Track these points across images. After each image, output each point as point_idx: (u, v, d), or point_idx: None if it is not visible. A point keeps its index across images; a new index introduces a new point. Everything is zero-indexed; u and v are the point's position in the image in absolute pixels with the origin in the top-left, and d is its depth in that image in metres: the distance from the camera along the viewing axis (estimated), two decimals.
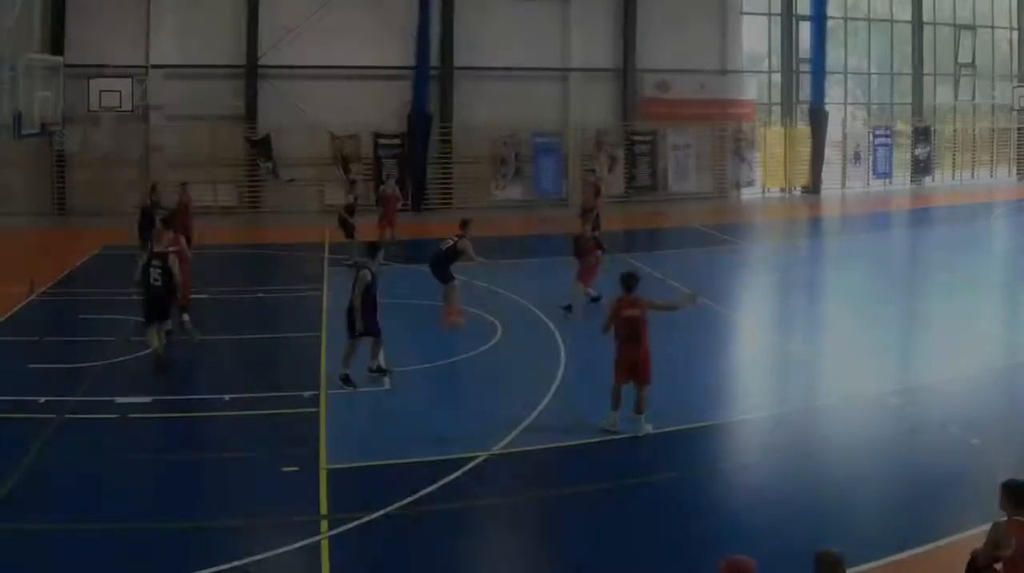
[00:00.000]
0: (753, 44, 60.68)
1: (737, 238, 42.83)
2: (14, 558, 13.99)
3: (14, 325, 27.37)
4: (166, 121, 49.52)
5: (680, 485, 16.81)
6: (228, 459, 17.85)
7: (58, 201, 49.02)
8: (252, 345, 26.09)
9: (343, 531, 14.71)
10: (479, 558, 14.72)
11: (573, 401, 20.73)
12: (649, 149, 54.53)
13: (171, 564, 13.87)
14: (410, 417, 20.23)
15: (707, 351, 25.44)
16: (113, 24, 48.50)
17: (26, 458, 17.40)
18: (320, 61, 50.39)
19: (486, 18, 52.40)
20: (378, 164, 50.51)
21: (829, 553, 9.60)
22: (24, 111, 33.93)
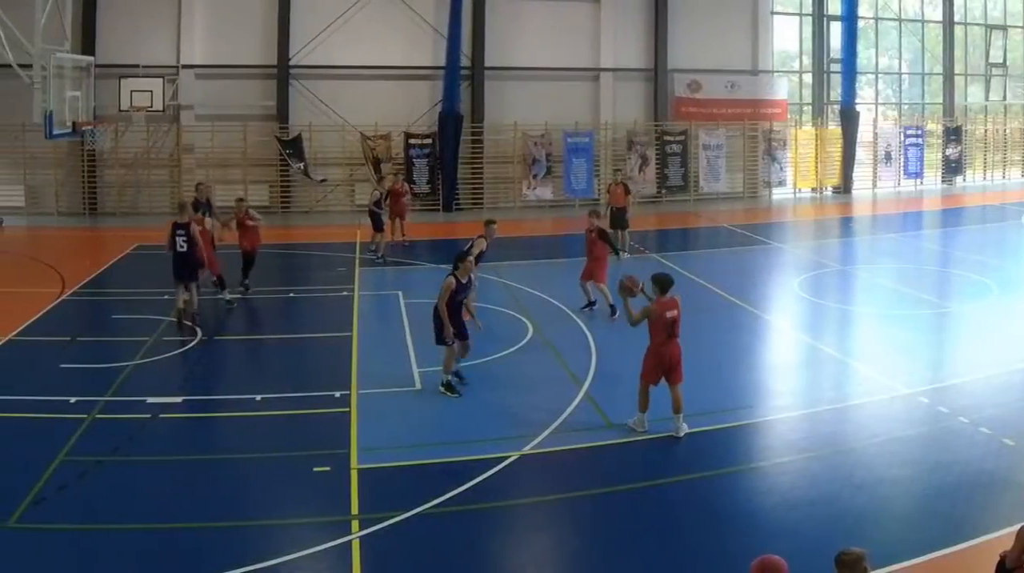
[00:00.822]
0: (784, 44, 60.55)
1: (768, 238, 42.68)
2: (46, 558, 14.05)
3: (46, 324, 27.40)
4: (197, 121, 49.63)
5: (711, 485, 16.76)
6: (259, 459, 17.90)
7: (89, 201, 49.11)
8: (283, 345, 26.10)
9: (374, 531, 14.75)
10: (510, 558, 14.69)
11: (604, 401, 20.71)
12: (680, 149, 54.29)
13: (202, 564, 13.93)
14: (441, 417, 20.26)
15: (738, 351, 25.35)
16: (144, 24, 48.74)
17: (57, 458, 17.45)
18: (351, 61, 50.50)
19: (517, 18, 52.48)
20: (409, 164, 50.50)
21: (849, 553, 9.56)
22: (55, 111, 33.99)
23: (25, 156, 47.71)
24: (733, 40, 56.34)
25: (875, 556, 9.88)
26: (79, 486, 16.42)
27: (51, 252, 38.59)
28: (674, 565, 14.12)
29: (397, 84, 51.73)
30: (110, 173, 49.35)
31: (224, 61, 49.54)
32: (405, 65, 51.59)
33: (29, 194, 48.83)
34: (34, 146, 46.43)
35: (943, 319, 28.70)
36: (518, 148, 52.17)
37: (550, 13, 52.98)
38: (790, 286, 32.39)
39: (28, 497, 15.78)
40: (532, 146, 51.89)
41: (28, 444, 18.36)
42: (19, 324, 26.92)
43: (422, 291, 28.62)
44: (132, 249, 38.32)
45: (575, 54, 53.76)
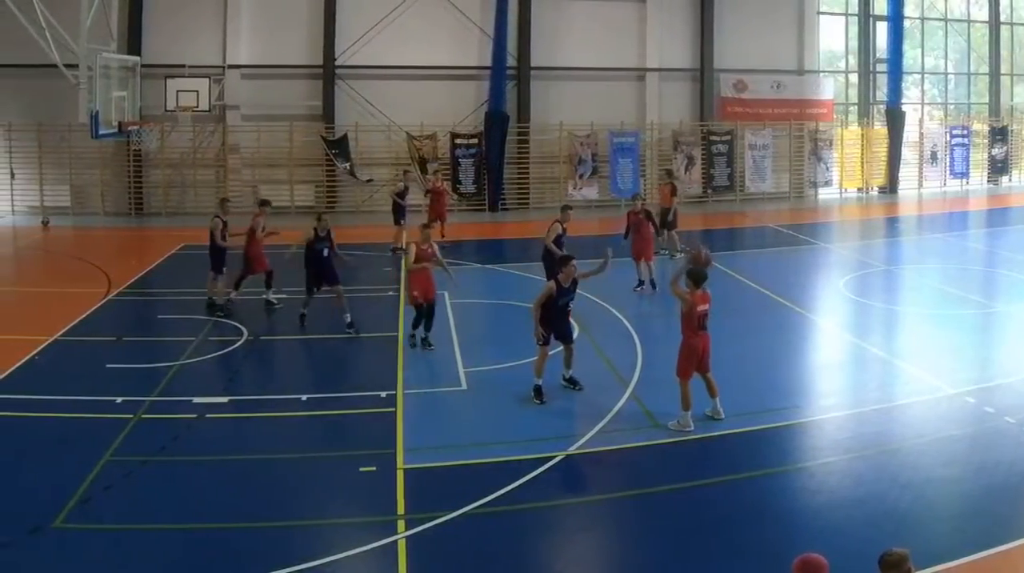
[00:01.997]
0: (830, 44, 60.33)
1: (814, 238, 42.55)
2: (92, 558, 14.11)
3: (92, 324, 27.49)
4: (243, 121, 49.84)
5: (757, 485, 16.72)
6: (305, 459, 17.94)
7: (135, 201, 49.36)
8: (329, 345, 26.13)
9: (420, 531, 14.76)
10: (556, 558, 14.65)
11: (650, 401, 20.67)
12: (726, 149, 54.17)
13: (248, 564, 13.99)
14: (487, 417, 20.28)
15: (784, 351, 25.36)
16: (190, 24, 48.98)
17: (103, 458, 17.52)
18: (397, 61, 50.64)
19: (563, 18, 52.51)
20: (455, 164, 50.60)
21: (893, 553, 9.51)
22: (101, 111, 34.10)
23: (71, 156, 47.95)
24: (779, 40, 56.19)
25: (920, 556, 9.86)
26: (125, 486, 16.50)
27: (97, 252, 38.78)
28: (720, 564, 14.08)
29: (443, 84, 51.80)
30: (156, 173, 49.54)
31: (270, 61, 49.72)
32: (451, 65, 51.62)
33: (75, 194, 49.00)
34: (80, 146, 46.79)
35: (989, 319, 28.52)
36: (564, 148, 52.11)
37: (596, 13, 52.93)
38: (836, 286, 32.28)
39: (74, 497, 15.83)
40: (578, 146, 51.85)
41: (74, 444, 18.41)
42: (65, 324, 27.02)
43: (468, 291, 28.67)
44: (178, 249, 38.41)
45: (621, 54, 53.69)
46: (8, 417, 19.84)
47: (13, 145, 48.24)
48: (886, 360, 24.16)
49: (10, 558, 13.91)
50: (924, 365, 23.33)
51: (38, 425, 19.41)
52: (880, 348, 25.28)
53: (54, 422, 19.52)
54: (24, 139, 48.20)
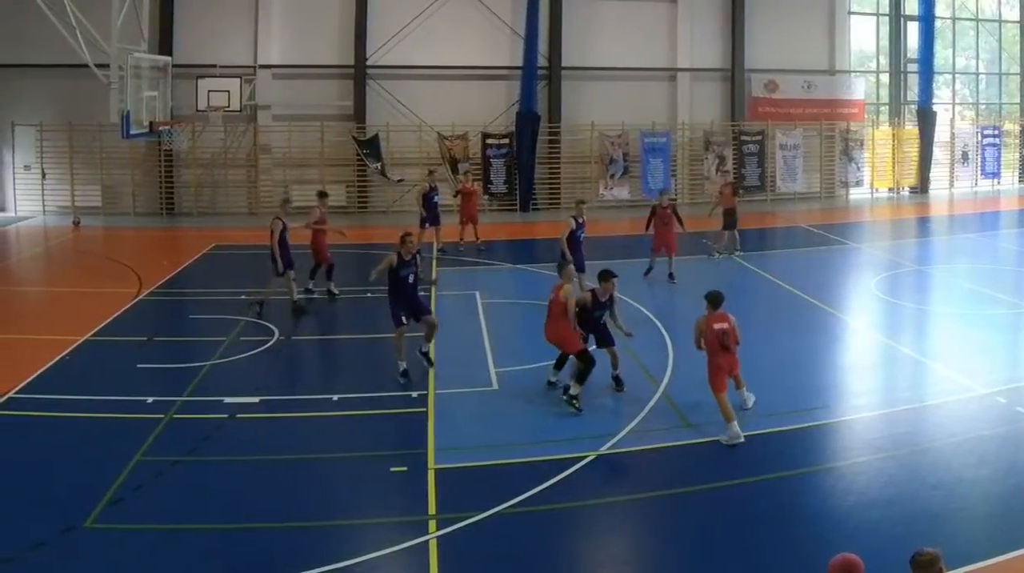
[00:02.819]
0: (861, 44, 60.14)
1: (845, 238, 42.45)
2: (123, 558, 14.14)
3: (123, 324, 27.59)
4: (274, 121, 49.99)
5: (788, 485, 16.71)
6: (336, 459, 17.97)
7: (166, 201, 49.54)
8: (360, 345, 26.17)
9: (451, 531, 14.78)
10: (588, 558, 14.65)
11: (681, 401, 20.68)
12: (757, 149, 54.07)
13: (279, 564, 14.01)
14: (518, 417, 20.28)
15: (815, 351, 25.31)
16: (221, 24, 49.19)
17: (134, 458, 17.57)
18: (428, 61, 50.74)
19: (594, 18, 52.45)
20: (486, 164, 50.67)
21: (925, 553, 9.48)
22: (132, 111, 34.17)
23: (102, 156, 48.18)
24: (810, 40, 56.08)
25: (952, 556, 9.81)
26: (156, 486, 16.54)
27: (128, 252, 38.99)
28: (751, 565, 14.06)
29: (474, 84, 51.85)
30: (187, 173, 49.72)
31: (301, 61, 49.88)
32: (482, 65, 51.68)
33: (106, 194, 49.22)
34: (111, 146, 47.01)
35: (1020, 319, 28.38)
36: (595, 148, 52.07)
37: (627, 13, 52.91)
38: (867, 286, 32.22)
39: (105, 497, 15.88)
40: (609, 146, 51.83)
41: (105, 444, 18.47)
42: (96, 324, 27.10)
43: (500, 291, 28.69)
44: (209, 249, 38.55)
45: (652, 54, 53.68)
46: (40, 417, 19.90)
47: (44, 145, 48.42)
48: (917, 360, 24.14)
49: (43, 558, 13.95)
50: (955, 365, 23.25)
51: (69, 425, 19.46)
52: (911, 348, 25.25)
53: (85, 422, 19.58)
54: (55, 139, 48.44)
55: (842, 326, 27.98)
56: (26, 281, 35.52)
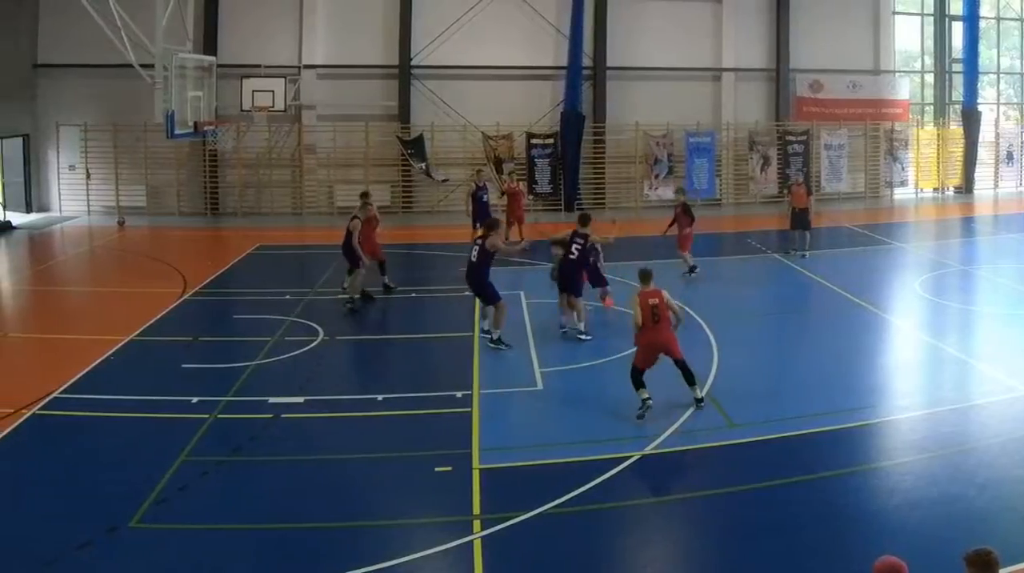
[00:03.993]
0: (906, 44, 59.88)
1: (890, 238, 42.33)
2: (168, 558, 14.17)
3: (168, 324, 27.70)
4: (319, 121, 50.15)
5: (833, 485, 16.60)
6: (380, 459, 17.98)
7: (211, 201, 49.80)
8: (405, 345, 26.19)
9: (496, 531, 14.77)
10: (632, 559, 14.56)
11: (725, 401, 20.63)
12: (802, 149, 53.91)
13: (324, 564, 14.03)
14: (562, 417, 20.29)
15: (860, 351, 25.13)
16: (266, 24, 49.48)
17: (179, 458, 17.61)
18: (473, 61, 50.80)
19: (639, 18, 52.47)
20: (531, 164, 50.71)
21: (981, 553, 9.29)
22: (177, 111, 34.26)
23: (147, 156, 48.48)
24: (854, 40, 55.87)
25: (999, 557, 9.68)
26: (200, 486, 16.58)
27: (173, 252, 39.24)
28: (795, 565, 14.01)
29: (519, 84, 51.96)
30: (231, 173, 50.04)
31: (346, 61, 50.01)
32: (527, 65, 51.76)
33: (151, 194, 49.50)
34: (156, 146, 47.30)
35: None
36: (640, 148, 52.06)
37: (672, 13, 52.87)
38: (911, 286, 32.10)
39: (150, 497, 15.92)
40: (654, 146, 51.85)
41: (150, 444, 18.53)
42: (141, 324, 27.22)
43: (544, 291, 28.58)
44: (253, 249, 38.66)
45: (697, 54, 53.59)
46: (84, 417, 19.98)
47: (89, 145, 48.79)
48: (962, 360, 24.00)
49: (88, 558, 13.98)
50: (1000, 365, 23.09)
51: (114, 425, 19.54)
52: (956, 348, 25.11)
53: (130, 422, 19.65)
54: (100, 139, 48.78)
55: (887, 326, 27.85)
56: (71, 281, 35.68)
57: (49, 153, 49.51)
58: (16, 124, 47.83)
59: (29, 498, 16.13)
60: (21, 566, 13.79)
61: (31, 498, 16.13)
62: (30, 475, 17.18)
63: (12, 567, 13.80)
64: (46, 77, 48.79)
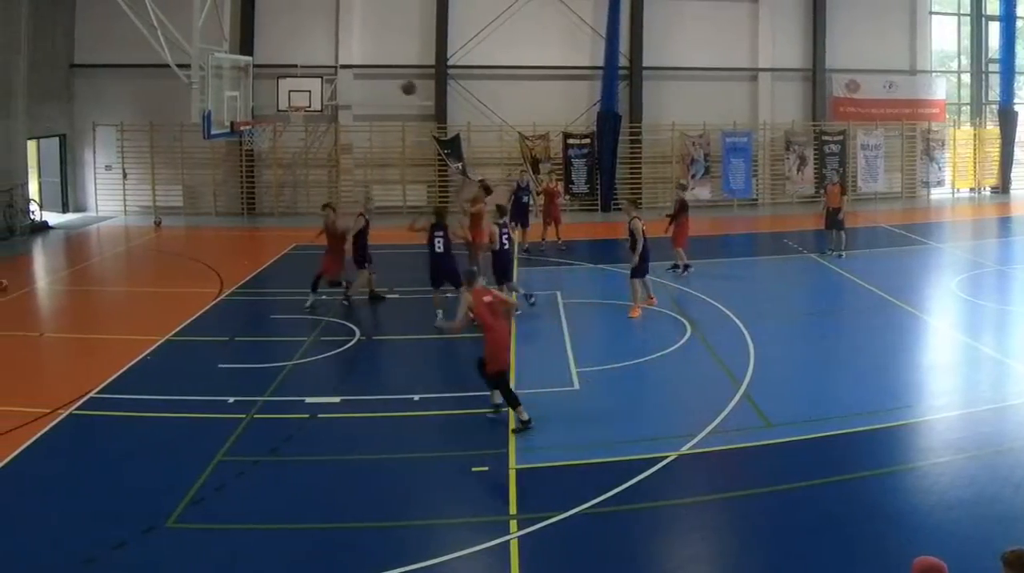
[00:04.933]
0: (942, 44, 59.65)
1: (926, 238, 42.24)
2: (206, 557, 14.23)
3: (204, 324, 27.78)
4: (355, 121, 50.24)
5: (869, 485, 16.56)
6: (417, 459, 17.98)
7: (247, 201, 49.96)
8: (442, 345, 26.12)
9: (532, 531, 14.78)
10: (669, 558, 14.63)
11: (762, 401, 20.59)
12: (839, 149, 53.80)
13: (360, 564, 14.05)
14: (599, 417, 20.22)
15: (897, 351, 25.08)
16: (302, 24, 49.64)
17: (215, 458, 17.68)
18: (509, 61, 50.81)
19: (675, 18, 52.43)
20: (567, 164, 50.73)
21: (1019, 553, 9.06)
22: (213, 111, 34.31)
23: (183, 156, 48.73)
24: (891, 40, 55.70)
25: None
26: (237, 486, 16.64)
27: (209, 252, 39.37)
28: (832, 565, 13.96)
29: (555, 84, 51.93)
30: (268, 173, 50.15)
31: (382, 61, 50.08)
32: (563, 65, 51.75)
33: (187, 194, 49.73)
34: (192, 146, 47.53)
35: None
36: (676, 148, 52.13)
37: (708, 13, 52.79)
38: (948, 286, 32.00)
39: (187, 497, 16.00)
40: (690, 146, 51.88)
41: (187, 444, 18.58)
42: (178, 324, 27.34)
43: (580, 291, 28.65)
44: (290, 249, 38.72)
45: (733, 54, 53.55)
46: (121, 417, 20.06)
47: (125, 145, 49.04)
48: (999, 360, 23.88)
49: (125, 558, 14.04)
50: None
51: (151, 425, 19.61)
52: (993, 348, 25.00)
53: (167, 422, 19.72)
54: (136, 139, 49.03)
55: (924, 326, 27.79)
56: (108, 281, 35.79)
57: (86, 153, 49.80)
58: (53, 124, 48.07)
59: (66, 498, 16.18)
60: (58, 565, 13.85)
61: (68, 498, 16.18)
62: (67, 475, 17.26)
63: (49, 566, 13.87)
64: (83, 77, 49.07)
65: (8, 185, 42.11)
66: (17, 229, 42.43)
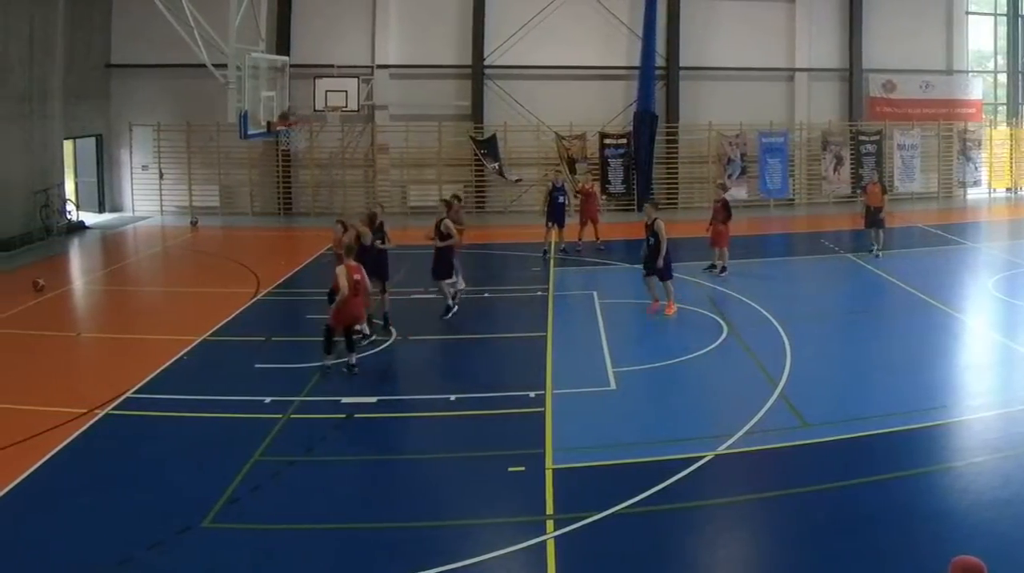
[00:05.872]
0: (979, 44, 59.41)
1: (963, 238, 42.12)
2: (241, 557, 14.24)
3: (241, 324, 27.88)
4: (392, 121, 50.33)
5: (906, 485, 16.49)
6: (453, 459, 18.00)
7: (284, 201, 50.16)
8: (477, 345, 26.17)
9: (569, 531, 14.73)
10: (704, 559, 14.58)
11: (799, 401, 20.51)
12: (875, 149, 53.64)
13: (397, 564, 14.03)
14: (635, 417, 20.25)
15: (933, 351, 25.02)
16: (339, 24, 49.66)
17: (251, 458, 17.70)
18: (546, 61, 50.88)
19: (712, 18, 52.44)
20: (604, 164, 50.76)
21: None
22: (250, 111, 34.35)
23: (220, 156, 48.95)
24: (927, 40, 55.53)
25: None
26: (273, 486, 16.63)
27: (246, 252, 39.54)
28: (868, 565, 13.87)
29: (592, 84, 51.93)
30: (304, 173, 50.36)
31: (418, 61, 50.26)
32: (600, 65, 51.76)
33: (224, 194, 50.00)
34: (229, 146, 47.75)
35: None
36: (713, 148, 52.12)
37: (745, 13, 52.81)
38: (984, 286, 31.91)
39: (223, 497, 16.00)
40: (727, 146, 51.83)
41: (223, 444, 18.61)
42: (214, 324, 27.41)
43: (617, 291, 28.61)
44: (326, 249, 38.21)
45: (770, 54, 53.47)
46: (158, 417, 20.09)
47: (162, 145, 49.29)
48: None
49: (161, 557, 14.04)
50: None
51: (187, 425, 19.65)
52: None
53: (203, 422, 19.77)
54: (173, 139, 49.28)
55: (960, 326, 27.67)
56: (144, 281, 35.93)
57: (122, 153, 50.04)
58: (89, 124, 48.30)
59: (102, 497, 16.20)
60: (94, 565, 13.86)
61: (104, 497, 16.20)
62: (103, 475, 17.28)
63: (85, 565, 13.88)
64: (119, 77, 49.32)
65: (45, 185, 42.27)
66: (54, 229, 42.53)
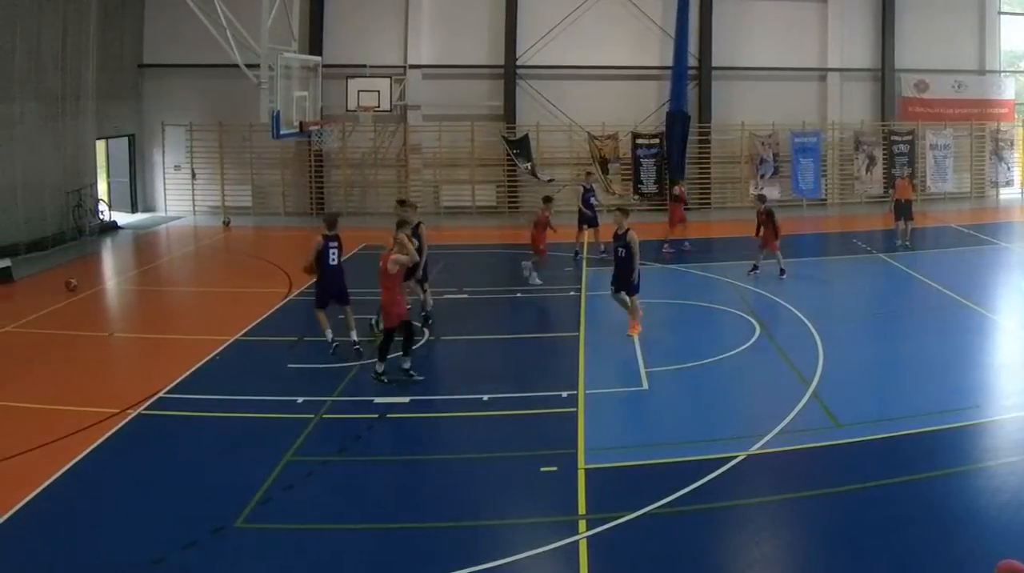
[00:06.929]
0: (1012, 44, 58.93)
1: (995, 238, 41.91)
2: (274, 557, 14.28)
3: (273, 324, 27.99)
4: (424, 121, 50.45)
5: (939, 485, 16.43)
6: (485, 459, 17.99)
7: (316, 201, 50.13)
8: (510, 345, 26.23)
9: (601, 531, 14.71)
10: (738, 559, 14.53)
11: (831, 401, 20.48)
12: (907, 149, 53.50)
13: (429, 564, 14.04)
14: (668, 417, 20.27)
15: (966, 351, 24.89)
16: (371, 25, 49.96)
17: (284, 458, 17.73)
18: (578, 61, 50.93)
19: (744, 18, 52.43)
20: (636, 164, 50.79)
21: None
22: (282, 111, 34.39)
23: (252, 156, 49.21)
24: (960, 40, 55.29)
25: None
26: (306, 486, 16.67)
27: (278, 252, 39.48)
28: (902, 566, 13.83)
29: (624, 84, 51.97)
30: (337, 173, 50.58)
31: (451, 61, 50.37)
32: (632, 65, 51.81)
33: (256, 194, 50.22)
34: (261, 146, 47.90)
35: None
36: (745, 148, 52.10)
37: (777, 13, 52.77)
38: (1017, 286, 31.92)
39: (255, 497, 16.04)
40: (759, 146, 51.83)
41: (256, 444, 18.67)
42: (247, 324, 27.55)
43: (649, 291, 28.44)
44: (359, 249, 38.50)
45: (802, 54, 53.35)
46: (190, 417, 20.18)
47: (194, 145, 49.61)
48: None
49: (194, 558, 14.08)
50: None
51: (220, 425, 19.73)
52: None
53: (235, 422, 19.83)
54: (205, 139, 49.56)
55: (992, 325, 27.57)
56: (177, 281, 36.15)
57: (155, 153, 50.30)
58: (122, 124, 48.55)
59: (135, 497, 16.26)
60: (127, 565, 13.90)
61: (137, 497, 16.26)
62: (136, 475, 17.33)
63: (118, 565, 13.92)
64: (152, 77, 49.58)
65: (77, 185, 42.44)
66: (86, 229, 42.74)
